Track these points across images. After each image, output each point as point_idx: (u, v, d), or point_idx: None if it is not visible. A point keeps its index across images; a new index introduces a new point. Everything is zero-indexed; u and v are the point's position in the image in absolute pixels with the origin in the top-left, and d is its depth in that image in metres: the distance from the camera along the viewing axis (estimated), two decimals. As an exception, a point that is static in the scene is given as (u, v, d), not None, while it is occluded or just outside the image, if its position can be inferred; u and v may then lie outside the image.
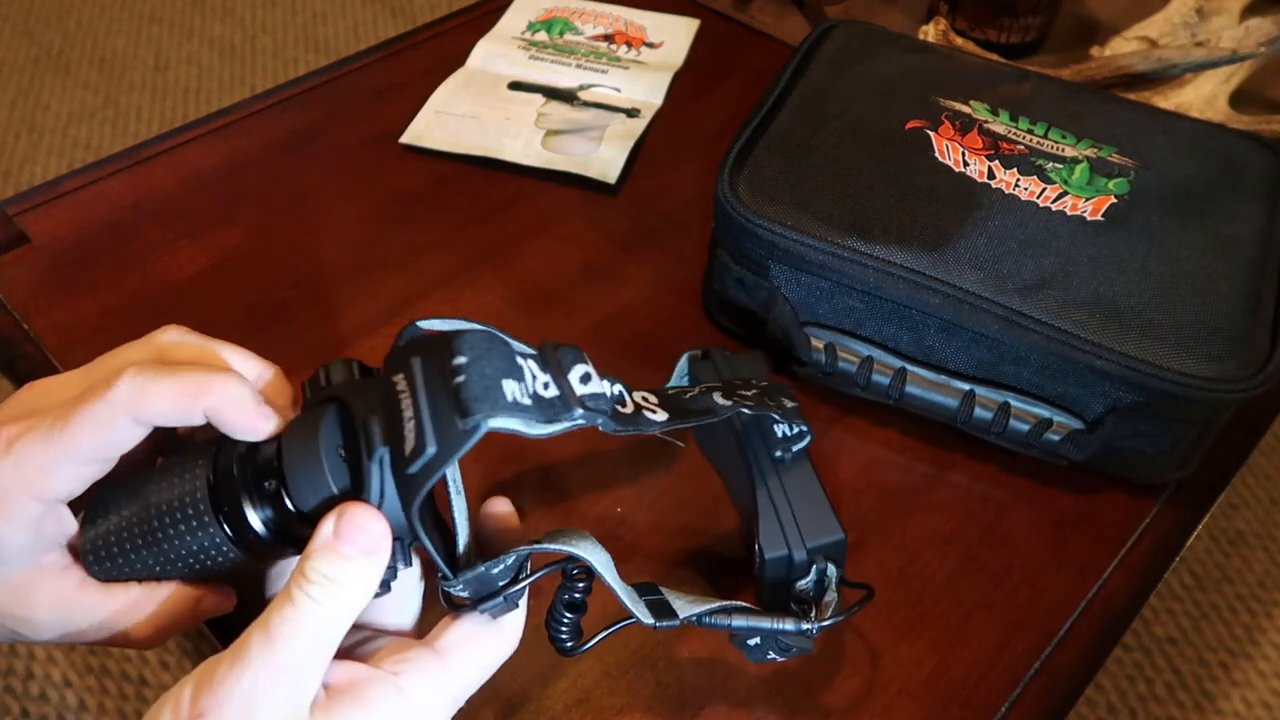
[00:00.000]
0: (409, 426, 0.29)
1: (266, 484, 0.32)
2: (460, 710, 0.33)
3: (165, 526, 0.32)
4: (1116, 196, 0.50)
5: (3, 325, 0.56)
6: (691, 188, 0.66)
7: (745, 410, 0.40)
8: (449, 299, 0.58)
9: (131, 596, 0.33)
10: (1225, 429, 0.49)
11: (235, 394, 0.32)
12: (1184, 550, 0.50)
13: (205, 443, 0.34)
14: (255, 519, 0.32)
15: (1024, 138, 0.53)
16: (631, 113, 0.71)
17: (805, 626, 0.38)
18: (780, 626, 0.38)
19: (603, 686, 0.43)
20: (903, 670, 0.44)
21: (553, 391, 0.31)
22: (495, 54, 0.75)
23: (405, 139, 0.68)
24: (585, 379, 0.32)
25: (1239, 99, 0.69)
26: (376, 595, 0.31)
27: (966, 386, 0.49)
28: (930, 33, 0.73)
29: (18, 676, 1.08)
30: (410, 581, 0.34)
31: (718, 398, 0.40)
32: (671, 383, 0.49)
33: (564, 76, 0.73)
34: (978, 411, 0.49)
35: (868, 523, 0.49)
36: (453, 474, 0.33)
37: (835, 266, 0.48)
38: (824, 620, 0.38)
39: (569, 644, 0.36)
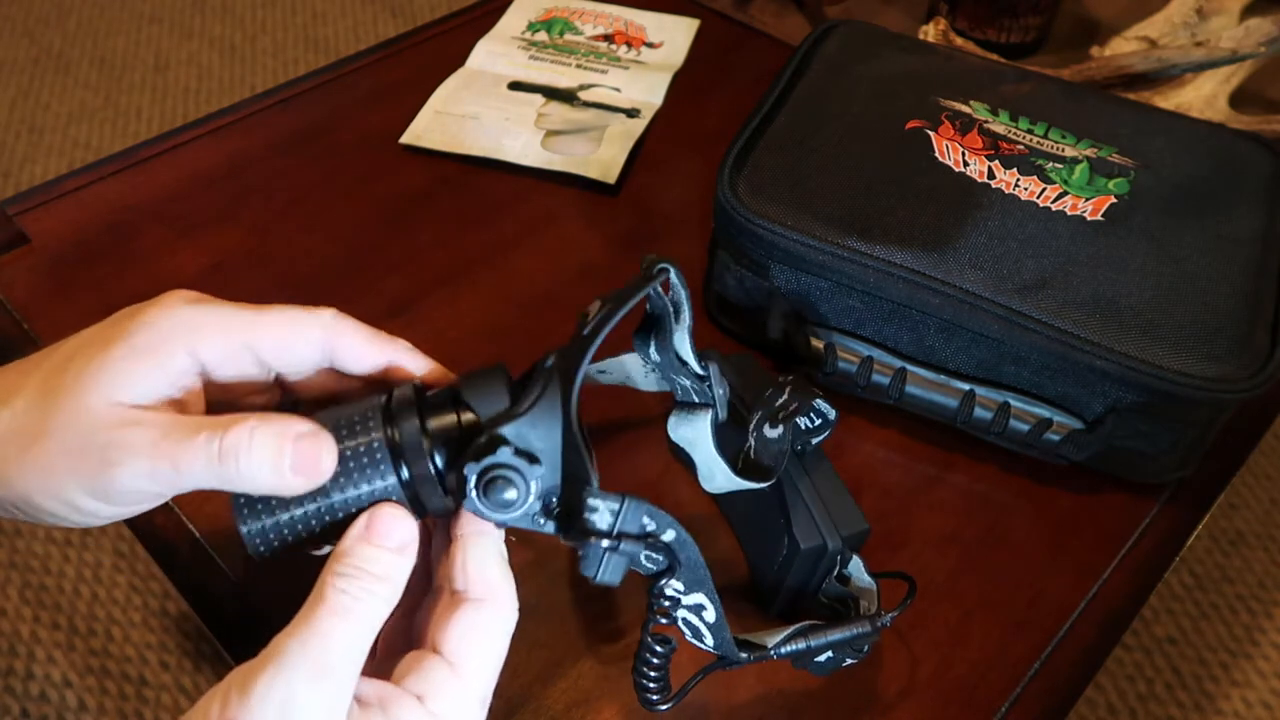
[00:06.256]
0: (592, 309, 0.33)
1: (435, 393, 0.33)
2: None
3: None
4: (1116, 196, 0.50)
5: (3, 325, 0.56)
6: (691, 188, 0.66)
7: (802, 426, 0.41)
8: (449, 299, 0.58)
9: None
10: (1225, 429, 0.49)
11: (414, 354, 0.35)
12: (1184, 550, 0.50)
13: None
14: (418, 422, 0.32)
15: (1024, 138, 0.53)
16: (631, 113, 0.71)
17: (880, 623, 0.38)
18: (856, 632, 0.38)
19: (602, 687, 0.43)
20: (903, 670, 0.44)
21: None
22: (495, 54, 0.75)
23: (405, 139, 0.68)
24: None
25: (1239, 99, 0.69)
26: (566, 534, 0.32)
27: (966, 386, 0.49)
28: (930, 33, 0.73)
29: (18, 676, 1.08)
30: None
31: (769, 430, 0.41)
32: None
33: (564, 76, 0.73)
34: (978, 411, 0.49)
35: (868, 522, 0.49)
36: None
37: (835, 266, 0.48)
38: (893, 611, 0.39)
39: (655, 698, 0.36)
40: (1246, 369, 0.44)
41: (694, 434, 0.39)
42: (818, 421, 0.42)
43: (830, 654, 0.39)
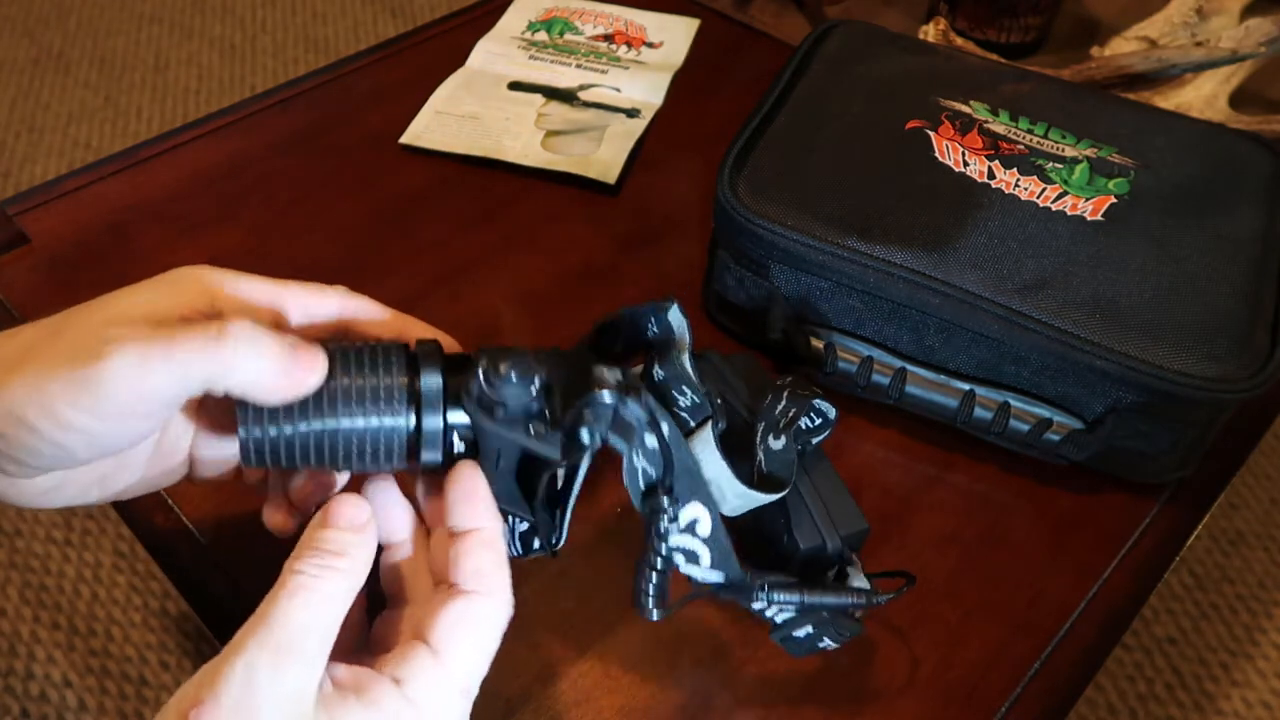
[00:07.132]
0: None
1: (456, 355, 0.35)
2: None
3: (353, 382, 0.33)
4: (1116, 196, 0.50)
5: (2, 325, 0.56)
6: (691, 188, 0.66)
7: (802, 426, 0.42)
8: (449, 299, 0.58)
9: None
10: (1225, 429, 0.49)
11: (426, 325, 0.38)
12: (1184, 550, 0.50)
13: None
14: (441, 375, 0.34)
15: (1024, 138, 0.53)
16: (631, 113, 0.71)
17: (876, 600, 0.38)
18: (849, 601, 0.38)
19: (603, 686, 0.43)
20: (902, 670, 0.44)
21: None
22: (495, 54, 0.75)
23: (405, 139, 0.68)
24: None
25: (1239, 99, 0.69)
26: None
27: (966, 386, 0.49)
28: (930, 33, 0.73)
29: (18, 676, 1.08)
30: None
31: (772, 441, 0.41)
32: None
33: (564, 76, 0.73)
34: (978, 411, 0.49)
35: (868, 522, 0.49)
36: None
37: (835, 266, 0.48)
38: (889, 593, 0.39)
39: (651, 601, 0.36)
40: (1246, 369, 0.44)
41: (699, 449, 0.39)
42: (818, 421, 0.42)
43: (810, 629, 0.39)
